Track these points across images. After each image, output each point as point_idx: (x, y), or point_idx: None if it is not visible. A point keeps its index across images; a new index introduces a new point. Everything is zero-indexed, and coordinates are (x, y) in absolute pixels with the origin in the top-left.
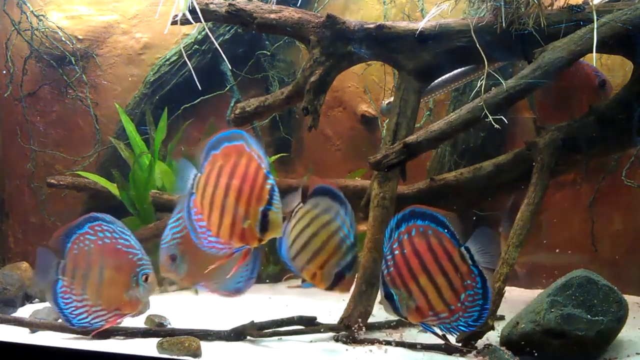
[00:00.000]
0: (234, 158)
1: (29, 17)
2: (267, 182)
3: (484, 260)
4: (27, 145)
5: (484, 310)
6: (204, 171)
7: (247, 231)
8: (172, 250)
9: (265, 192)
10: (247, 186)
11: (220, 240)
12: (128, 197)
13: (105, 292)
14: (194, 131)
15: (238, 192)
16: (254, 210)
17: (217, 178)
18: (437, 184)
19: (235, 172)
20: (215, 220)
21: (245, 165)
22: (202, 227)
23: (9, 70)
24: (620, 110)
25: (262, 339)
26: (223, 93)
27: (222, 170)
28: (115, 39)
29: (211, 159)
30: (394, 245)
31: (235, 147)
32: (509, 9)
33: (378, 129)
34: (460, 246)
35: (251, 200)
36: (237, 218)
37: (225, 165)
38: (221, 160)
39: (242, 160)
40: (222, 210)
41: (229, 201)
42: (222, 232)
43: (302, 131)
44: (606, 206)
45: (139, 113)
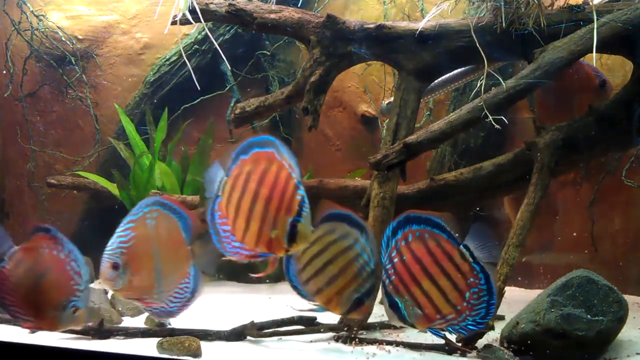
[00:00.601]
0: (264, 165)
1: (29, 17)
2: (298, 193)
3: (484, 256)
4: (27, 145)
5: (490, 305)
6: (231, 174)
7: (274, 240)
8: (115, 258)
9: (295, 203)
10: (277, 195)
11: (245, 247)
12: (128, 197)
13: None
14: (194, 131)
15: (267, 200)
16: (283, 221)
17: (245, 183)
18: (437, 184)
19: (264, 179)
20: (241, 226)
21: (276, 173)
22: (225, 232)
23: (9, 70)
24: (620, 110)
25: (262, 339)
26: (223, 93)
27: (250, 176)
28: (115, 39)
29: (239, 163)
30: (392, 254)
31: (266, 153)
32: (509, 9)
33: (378, 129)
34: (459, 245)
35: (280, 210)
36: (265, 226)
37: (254, 171)
38: (250, 165)
39: (272, 167)
40: (248, 217)
41: (257, 208)
42: (247, 239)
43: (302, 131)
44: (606, 206)
45: (139, 113)
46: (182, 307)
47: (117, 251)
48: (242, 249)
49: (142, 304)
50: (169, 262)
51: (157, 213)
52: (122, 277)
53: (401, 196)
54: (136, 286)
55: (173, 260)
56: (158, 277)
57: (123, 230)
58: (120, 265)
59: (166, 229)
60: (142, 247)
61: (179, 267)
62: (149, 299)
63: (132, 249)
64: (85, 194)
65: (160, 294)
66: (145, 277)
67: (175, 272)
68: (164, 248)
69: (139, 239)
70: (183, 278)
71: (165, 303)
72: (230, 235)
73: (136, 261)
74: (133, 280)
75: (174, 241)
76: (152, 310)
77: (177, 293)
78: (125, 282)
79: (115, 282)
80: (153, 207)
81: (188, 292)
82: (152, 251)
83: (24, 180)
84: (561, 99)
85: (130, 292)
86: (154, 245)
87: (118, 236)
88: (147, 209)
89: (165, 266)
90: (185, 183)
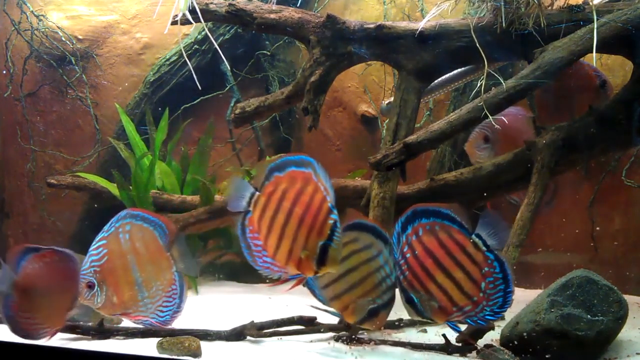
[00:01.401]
0: (300, 185)
1: (29, 17)
2: (330, 217)
3: (497, 243)
4: (27, 145)
5: (507, 294)
6: (265, 191)
7: (304, 261)
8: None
9: (327, 227)
10: (310, 217)
11: (276, 263)
12: (128, 197)
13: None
14: (194, 131)
15: (299, 220)
16: (314, 243)
17: (280, 201)
18: (437, 184)
19: (299, 200)
20: (273, 242)
21: (310, 194)
22: (257, 246)
23: (9, 70)
24: (620, 110)
25: (262, 339)
26: (223, 93)
27: (285, 194)
28: (115, 39)
29: (274, 180)
30: (404, 249)
31: (303, 173)
32: (509, 9)
33: (378, 129)
34: (471, 235)
35: (312, 232)
36: (296, 246)
37: (289, 190)
38: (285, 183)
39: (307, 188)
40: (281, 234)
41: (289, 227)
42: (278, 256)
43: (302, 131)
44: (606, 206)
45: (139, 113)
46: (174, 314)
47: (89, 270)
48: (273, 264)
49: (130, 318)
50: (150, 272)
51: (129, 226)
52: (100, 294)
53: (401, 196)
54: (117, 301)
55: (154, 270)
56: (140, 289)
57: (95, 249)
58: (95, 283)
59: (141, 239)
60: (116, 262)
61: (161, 275)
62: (134, 312)
63: (105, 265)
64: (85, 194)
65: (145, 306)
66: (125, 291)
67: (158, 280)
68: (141, 259)
69: (112, 255)
70: (169, 285)
71: (155, 313)
72: (262, 250)
73: (111, 277)
74: (112, 297)
75: (152, 250)
76: (144, 323)
77: (165, 301)
78: (103, 299)
79: (93, 300)
80: (124, 221)
81: (177, 298)
82: (128, 264)
83: (24, 180)
84: (561, 99)
85: (112, 308)
86: (129, 258)
87: (90, 255)
88: (119, 224)
89: (146, 277)
90: (185, 183)
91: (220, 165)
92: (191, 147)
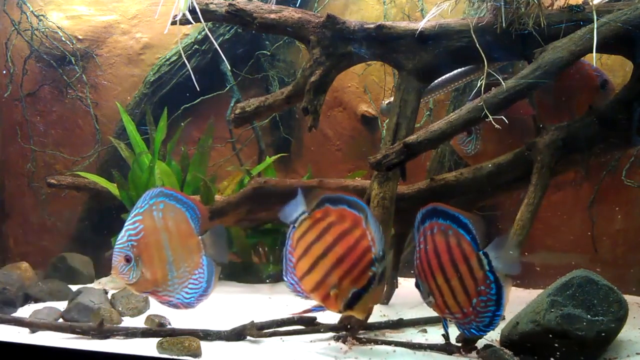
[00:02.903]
0: (348, 225)
1: (29, 17)
2: (371, 270)
3: (503, 267)
4: (27, 145)
5: (495, 317)
6: (312, 215)
7: (331, 297)
8: (127, 251)
9: (365, 278)
10: (350, 261)
11: (301, 285)
12: (128, 197)
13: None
14: (194, 131)
15: (338, 260)
16: (347, 287)
17: (323, 232)
18: (437, 184)
19: (344, 239)
20: (304, 267)
21: (357, 239)
22: (290, 261)
23: (9, 70)
24: (620, 110)
25: (262, 339)
26: (223, 93)
27: (330, 227)
28: (115, 39)
29: (324, 209)
30: (420, 239)
31: (354, 215)
32: (509, 9)
33: (378, 129)
34: (479, 251)
35: (348, 276)
36: (327, 281)
37: (335, 225)
38: (334, 217)
39: (355, 232)
40: (313, 264)
41: (325, 261)
42: (306, 282)
43: (302, 131)
44: (606, 206)
45: (139, 113)
46: (200, 298)
47: (127, 244)
48: (298, 285)
49: (157, 297)
50: (180, 253)
51: (163, 204)
52: (135, 269)
53: (401, 196)
54: (149, 279)
55: (183, 251)
56: (170, 269)
57: (131, 224)
58: (132, 257)
59: (174, 219)
60: (152, 238)
61: (190, 257)
62: (162, 291)
63: (142, 241)
64: (85, 194)
65: (173, 286)
66: (158, 268)
67: (187, 262)
68: (173, 239)
69: (148, 231)
70: (196, 268)
71: (181, 295)
72: (293, 268)
73: (147, 253)
74: (146, 273)
75: (183, 231)
76: (169, 304)
77: (192, 284)
78: (138, 274)
79: (128, 275)
80: (158, 199)
81: (203, 282)
82: (162, 242)
83: (24, 180)
84: (562, 99)
85: (143, 286)
86: (163, 236)
87: (127, 230)
88: (153, 201)
89: (177, 257)
90: (185, 183)
91: (220, 165)
92: (191, 147)
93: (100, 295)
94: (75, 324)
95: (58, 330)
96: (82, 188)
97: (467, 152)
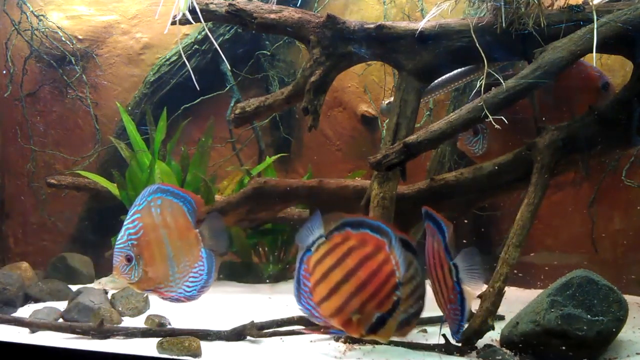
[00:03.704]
0: (370, 249)
1: (29, 17)
2: (395, 294)
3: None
4: (27, 145)
5: (460, 326)
6: (331, 239)
7: (353, 322)
8: (127, 251)
9: (389, 302)
10: (374, 286)
11: (319, 310)
12: (128, 197)
13: None
14: (194, 131)
15: (361, 284)
16: (371, 312)
17: (343, 256)
18: (437, 184)
19: (366, 264)
20: (323, 292)
21: (380, 263)
22: (305, 286)
23: (9, 70)
24: (620, 110)
25: (262, 339)
26: (223, 93)
27: (351, 252)
28: (115, 39)
29: (344, 233)
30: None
31: (376, 240)
32: (509, 9)
33: (378, 129)
34: (451, 260)
35: (372, 301)
36: (349, 306)
37: (357, 250)
38: (355, 241)
39: (378, 256)
40: (333, 289)
41: (347, 286)
42: (325, 307)
43: (302, 131)
44: (606, 206)
45: (139, 113)
46: (201, 289)
47: (127, 243)
48: (315, 310)
49: (159, 294)
50: (180, 247)
51: (160, 200)
52: (137, 268)
53: (401, 196)
54: (151, 276)
55: (183, 245)
56: (171, 264)
57: (130, 222)
58: (133, 257)
59: (172, 214)
60: (151, 236)
61: (189, 251)
62: (164, 287)
63: (142, 239)
64: (85, 194)
65: (175, 281)
66: (159, 265)
67: (187, 256)
68: (172, 234)
69: (147, 229)
70: (196, 261)
71: (182, 289)
72: (309, 292)
73: (148, 251)
74: (147, 271)
75: (182, 226)
76: (171, 299)
77: (192, 277)
78: (140, 273)
79: (130, 275)
80: (156, 195)
81: (204, 274)
82: (162, 239)
83: (24, 180)
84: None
85: (146, 283)
86: (162, 232)
87: (126, 229)
88: (150, 197)
89: (177, 252)
90: (185, 183)
91: (220, 165)
92: (191, 147)
93: (100, 295)
94: (75, 324)
95: (58, 330)
96: (82, 188)
97: (474, 152)
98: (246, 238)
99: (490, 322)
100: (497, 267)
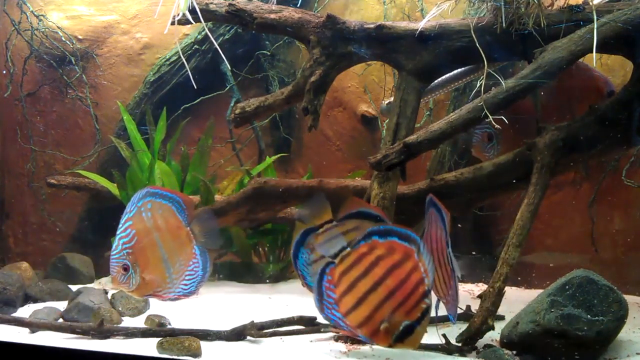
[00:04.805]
0: (398, 257)
1: (29, 17)
2: (424, 301)
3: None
4: (27, 145)
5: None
6: (358, 250)
7: (381, 331)
8: (123, 260)
9: (418, 310)
10: (402, 294)
11: (345, 321)
12: (128, 197)
13: None
14: (194, 131)
15: (389, 293)
16: (399, 320)
17: (371, 266)
18: (437, 184)
19: (394, 272)
20: (350, 302)
21: (408, 271)
22: (330, 297)
23: (9, 70)
24: (620, 110)
25: (262, 339)
26: (223, 93)
27: (380, 261)
28: (115, 39)
29: (371, 242)
30: None
31: (404, 248)
32: (509, 9)
33: (378, 129)
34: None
35: (400, 309)
36: (377, 315)
37: (385, 258)
38: (382, 250)
39: (407, 264)
40: (361, 299)
41: (375, 295)
42: (352, 317)
43: (302, 131)
44: (606, 206)
45: (139, 113)
46: (200, 284)
47: (123, 253)
48: (341, 320)
49: (159, 297)
50: (173, 248)
51: (150, 204)
52: (134, 276)
53: (401, 196)
54: (149, 281)
55: (176, 245)
56: (167, 266)
57: (123, 231)
58: (129, 265)
59: (162, 216)
60: (145, 241)
61: (183, 250)
62: (162, 290)
63: (136, 246)
64: (85, 194)
65: (172, 282)
66: (155, 269)
67: (181, 255)
68: (165, 236)
69: (141, 235)
70: (190, 259)
71: (180, 288)
72: (334, 304)
73: (143, 257)
74: (145, 277)
75: (173, 226)
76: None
77: (188, 275)
78: (138, 280)
79: (129, 283)
80: (145, 199)
81: (199, 270)
82: (156, 242)
83: (24, 180)
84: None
85: (145, 289)
86: (155, 236)
87: (119, 238)
88: (140, 203)
89: (171, 253)
90: (185, 183)
91: (220, 165)
92: (191, 147)
93: (100, 295)
94: (75, 324)
95: (58, 330)
96: (82, 188)
97: (489, 158)
98: (246, 238)
99: (490, 322)
100: (497, 267)
